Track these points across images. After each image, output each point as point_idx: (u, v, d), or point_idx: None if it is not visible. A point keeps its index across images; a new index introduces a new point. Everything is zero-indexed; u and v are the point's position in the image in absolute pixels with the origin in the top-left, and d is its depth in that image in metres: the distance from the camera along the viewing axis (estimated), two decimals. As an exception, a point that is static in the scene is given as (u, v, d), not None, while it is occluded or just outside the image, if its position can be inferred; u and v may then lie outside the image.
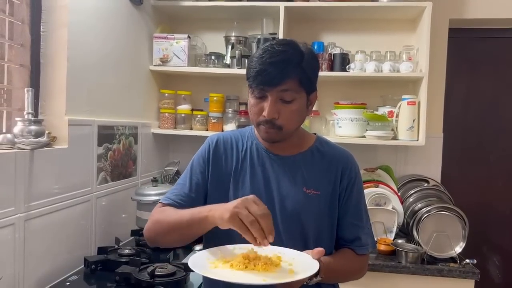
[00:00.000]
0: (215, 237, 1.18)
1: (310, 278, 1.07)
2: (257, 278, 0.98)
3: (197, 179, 1.27)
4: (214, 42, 2.65)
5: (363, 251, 1.27)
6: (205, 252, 1.12)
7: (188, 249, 1.92)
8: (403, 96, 2.35)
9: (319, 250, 1.07)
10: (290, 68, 1.12)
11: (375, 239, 2.04)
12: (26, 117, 1.45)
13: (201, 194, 1.27)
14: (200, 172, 1.27)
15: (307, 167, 1.25)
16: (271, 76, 1.11)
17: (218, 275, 0.98)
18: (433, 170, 2.56)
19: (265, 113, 1.14)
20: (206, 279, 1.31)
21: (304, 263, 1.05)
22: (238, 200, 1.00)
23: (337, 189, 1.25)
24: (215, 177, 1.27)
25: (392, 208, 2.20)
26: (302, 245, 1.15)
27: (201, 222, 1.07)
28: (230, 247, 1.13)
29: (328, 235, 1.26)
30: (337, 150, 1.31)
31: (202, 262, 1.05)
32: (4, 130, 1.56)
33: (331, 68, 2.42)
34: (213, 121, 2.53)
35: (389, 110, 2.40)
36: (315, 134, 1.36)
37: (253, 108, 1.19)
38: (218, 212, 1.02)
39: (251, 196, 1.01)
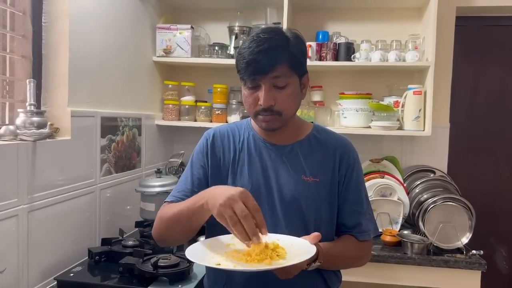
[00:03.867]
0: (217, 227, 1.18)
1: (309, 263, 1.07)
2: (252, 265, 0.99)
3: (198, 174, 1.28)
4: (217, 32, 2.63)
5: (364, 237, 1.26)
6: (201, 243, 1.12)
7: (192, 241, 1.91)
8: (409, 86, 2.32)
9: (316, 234, 1.07)
10: (279, 54, 1.13)
11: (380, 230, 2.04)
12: (28, 108, 1.44)
13: (203, 188, 1.26)
14: (200, 166, 1.28)
15: (305, 155, 1.25)
16: (261, 64, 1.11)
17: (218, 263, 1.00)
18: (440, 160, 2.54)
19: (261, 102, 1.15)
20: (209, 270, 1.32)
21: (301, 248, 1.05)
22: (225, 197, 0.98)
23: (336, 176, 1.25)
24: (215, 170, 1.28)
25: (398, 199, 2.18)
26: (303, 233, 1.15)
27: (199, 211, 1.07)
28: (228, 236, 1.12)
29: (329, 222, 1.26)
30: (335, 137, 1.31)
31: (202, 254, 1.05)
32: (6, 122, 1.56)
33: (336, 58, 2.39)
34: (217, 112, 2.52)
35: (395, 100, 2.37)
36: (312, 122, 1.36)
37: (248, 99, 1.19)
38: (210, 204, 1.02)
39: (238, 193, 0.99)
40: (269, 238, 1.08)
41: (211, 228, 1.24)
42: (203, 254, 1.05)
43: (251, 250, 1.01)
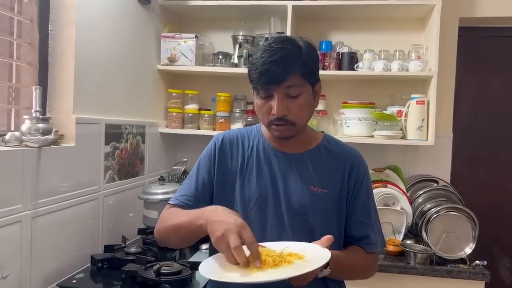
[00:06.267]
0: None
1: (320, 269, 1.04)
2: (270, 275, 0.96)
3: (203, 178, 1.27)
4: (221, 41, 2.65)
5: (372, 249, 1.25)
6: (216, 257, 1.09)
7: (195, 249, 1.91)
8: (412, 95, 2.32)
9: (328, 237, 1.06)
10: (291, 63, 1.12)
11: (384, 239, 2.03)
12: (34, 115, 1.46)
13: (207, 193, 1.26)
14: (206, 171, 1.28)
15: (314, 165, 1.24)
16: (274, 74, 1.11)
17: (232, 277, 0.97)
18: (443, 170, 2.53)
19: (274, 111, 1.15)
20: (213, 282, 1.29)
21: (314, 253, 1.03)
22: (223, 230, 0.99)
23: (345, 187, 1.24)
24: (221, 176, 1.27)
25: (401, 209, 2.17)
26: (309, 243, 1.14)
27: (197, 230, 1.08)
28: None
29: (336, 233, 1.23)
30: (345, 148, 1.30)
31: (215, 269, 1.03)
32: (12, 128, 1.57)
33: (339, 67, 2.40)
34: (220, 120, 2.53)
35: (398, 110, 2.37)
36: (322, 132, 1.35)
37: (261, 109, 1.19)
38: (209, 229, 1.03)
39: (237, 227, 0.99)
40: (278, 245, 1.07)
41: None
42: (217, 270, 1.03)
43: (265, 259, 1.01)
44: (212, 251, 1.22)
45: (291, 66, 1.12)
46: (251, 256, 0.99)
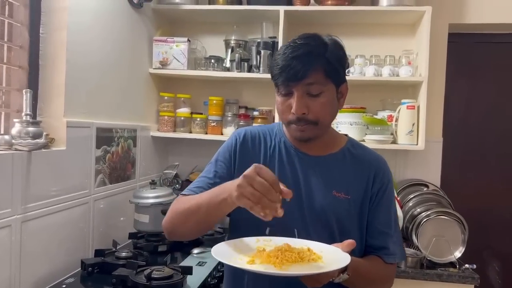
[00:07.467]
0: (240, 228, 1.18)
1: (337, 274, 1.01)
2: (283, 270, 0.94)
3: (222, 172, 1.22)
4: (214, 45, 2.66)
5: (390, 260, 1.20)
6: (226, 244, 1.06)
7: (186, 253, 1.91)
8: (403, 100, 2.34)
9: (350, 242, 1.01)
10: (314, 60, 1.08)
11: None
12: (24, 118, 1.44)
13: None
14: (225, 165, 1.23)
15: (338, 169, 1.20)
16: (295, 70, 1.07)
17: (242, 264, 0.95)
18: (433, 174, 2.56)
19: (293, 110, 1.11)
20: (229, 273, 1.27)
21: (334, 255, 1.00)
22: (241, 178, 0.93)
23: (369, 193, 1.20)
24: (242, 171, 1.22)
25: (392, 213, 2.18)
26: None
27: (220, 205, 1.02)
28: (253, 239, 1.09)
29: (357, 241, 1.18)
30: (370, 153, 1.26)
31: (229, 254, 1.00)
32: (2, 132, 1.56)
33: (330, 72, 2.41)
34: (212, 124, 2.53)
35: (388, 114, 2.39)
36: (346, 135, 1.31)
37: (280, 106, 1.15)
38: (232, 192, 0.96)
39: (252, 169, 0.93)
40: (298, 243, 1.05)
41: (234, 228, 1.24)
42: (229, 255, 1.00)
43: (278, 252, 0.98)
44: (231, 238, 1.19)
45: (313, 63, 1.08)
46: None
